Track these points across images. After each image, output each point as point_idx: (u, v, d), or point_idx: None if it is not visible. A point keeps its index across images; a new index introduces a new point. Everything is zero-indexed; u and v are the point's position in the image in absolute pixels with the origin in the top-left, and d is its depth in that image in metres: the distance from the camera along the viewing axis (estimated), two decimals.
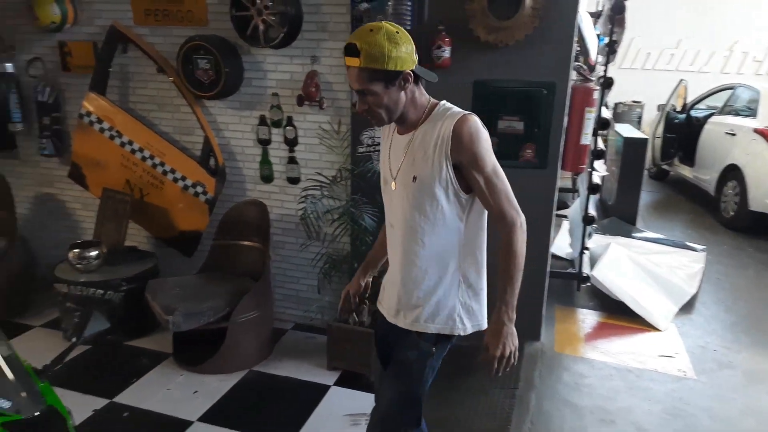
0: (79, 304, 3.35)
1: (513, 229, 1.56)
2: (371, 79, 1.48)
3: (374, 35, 1.45)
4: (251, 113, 3.44)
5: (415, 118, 1.61)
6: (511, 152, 3.03)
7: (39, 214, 4.17)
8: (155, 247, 3.88)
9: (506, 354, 1.58)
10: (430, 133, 1.57)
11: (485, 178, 1.54)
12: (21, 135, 3.93)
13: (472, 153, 1.52)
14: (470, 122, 1.53)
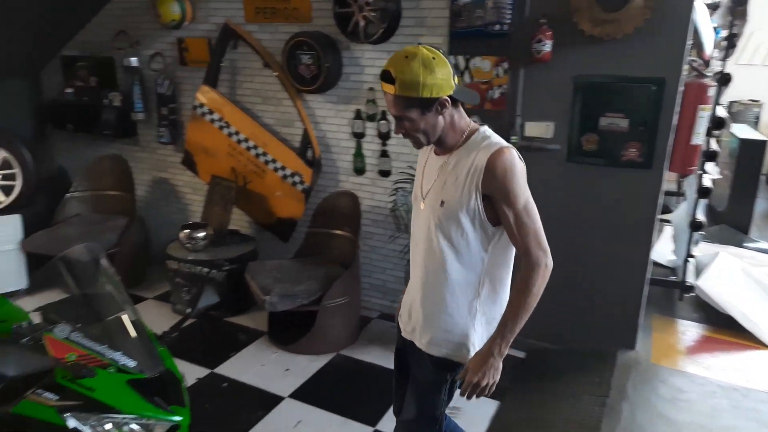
0: (186, 281, 3.65)
1: (535, 269, 1.50)
2: (407, 106, 1.47)
3: (409, 62, 1.42)
4: (347, 107, 3.55)
5: (452, 142, 1.57)
6: (613, 151, 2.90)
7: (154, 197, 4.57)
8: (255, 231, 4.12)
9: (482, 384, 1.53)
10: (464, 160, 1.53)
11: (515, 214, 1.49)
12: (142, 124, 4.33)
13: (504, 188, 1.48)
14: (505, 156, 1.48)
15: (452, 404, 2.81)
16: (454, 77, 1.47)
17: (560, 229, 3.11)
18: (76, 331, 1.41)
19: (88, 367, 1.36)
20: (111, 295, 1.55)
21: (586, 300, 3.15)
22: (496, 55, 3.01)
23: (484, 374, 1.52)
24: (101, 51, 4.27)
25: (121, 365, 1.43)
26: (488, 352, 1.53)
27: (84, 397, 1.33)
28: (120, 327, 1.50)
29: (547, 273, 1.51)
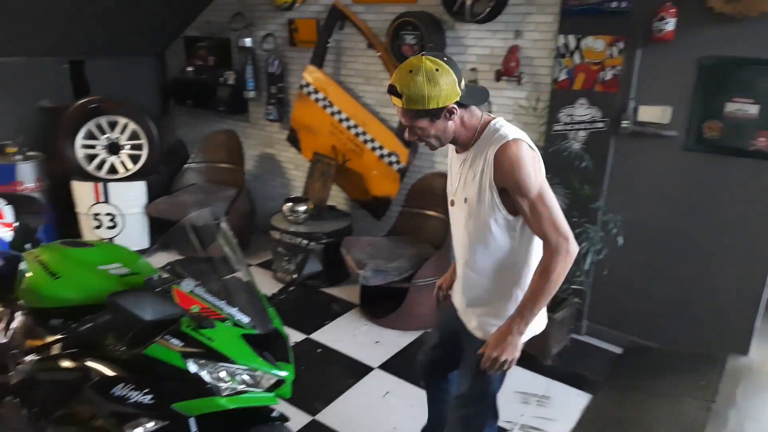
0: (287, 250, 3.87)
1: (554, 255, 1.50)
2: (416, 117, 1.51)
3: (413, 77, 1.44)
4: None
5: (466, 140, 1.60)
6: (739, 140, 2.66)
7: (260, 171, 4.85)
8: (351, 207, 4.26)
9: (501, 360, 1.57)
10: (478, 156, 1.56)
11: (529, 204, 1.50)
12: (252, 101, 4.59)
13: (514, 180, 1.49)
14: (511, 149, 1.49)
15: (542, 393, 2.80)
16: (460, 83, 1.49)
17: (673, 222, 2.93)
18: (199, 286, 1.57)
19: (208, 319, 1.51)
20: (229, 257, 1.70)
21: (697, 299, 2.94)
22: (611, 34, 2.84)
23: (502, 350, 1.56)
24: (219, 32, 4.57)
25: (237, 320, 1.57)
26: (508, 329, 1.57)
27: (204, 345, 1.48)
28: (236, 286, 1.64)
29: (569, 258, 1.51)
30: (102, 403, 1.50)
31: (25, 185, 4.02)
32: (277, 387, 1.59)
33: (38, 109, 4.34)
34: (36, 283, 1.67)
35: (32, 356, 1.67)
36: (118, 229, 4.18)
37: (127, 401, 1.47)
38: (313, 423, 2.57)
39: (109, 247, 1.92)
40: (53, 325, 1.69)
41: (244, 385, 1.52)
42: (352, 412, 2.65)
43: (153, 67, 5.08)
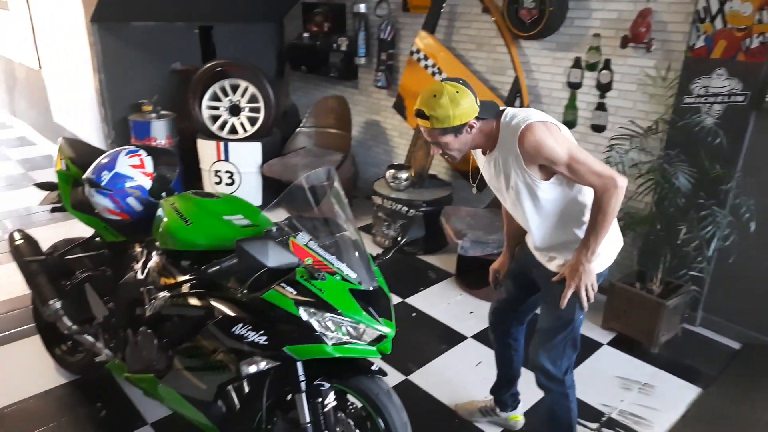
0: (387, 216, 3.96)
1: (604, 193, 1.64)
2: (442, 134, 1.69)
3: (438, 101, 1.64)
4: (566, 55, 3.36)
5: (489, 143, 1.77)
6: None
7: (365, 137, 4.96)
8: (452, 177, 4.25)
9: (581, 286, 1.75)
10: (506, 153, 1.73)
11: (566, 167, 1.65)
12: (362, 68, 4.67)
13: (544, 158, 1.65)
14: (527, 136, 1.64)
15: (645, 381, 2.67)
16: (476, 100, 1.68)
17: None
18: (312, 241, 1.66)
19: (320, 271, 1.60)
20: (340, 215, 1.78)
21: None
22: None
23: (579, 279, 1.75)
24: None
25: (345, 275, 1.64)
26: (577, 261, 1.75)
27: (315, 296, 1.57)
28: (345, 243, 1.71)
29: (618, 191, 1.63)
30: (223, 339, 1.66)
31: (158, 141, 4.45)
32: (378, 342, 1.66)
33: (171, 71, 4.74)
34: (171, 227, 1.86)
35: (164, 293, 1.87)
36: (235, 185, 4.50)
37: (244, 340, 1.61)
38: (405, 382, 2.66)
39: (232, 199, 2.08)
40: (183, 266, 1.89)
41: (348, 336, 1.60)
42: (443, 377, 2.70)
43: (272, 33, 5.31)
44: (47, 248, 2.51)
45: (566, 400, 1.98)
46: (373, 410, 1.68)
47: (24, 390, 2.52)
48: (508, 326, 2.20)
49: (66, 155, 2.33)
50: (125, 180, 2.07)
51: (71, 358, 2.61)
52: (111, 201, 2.07)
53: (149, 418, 2.37)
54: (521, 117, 1.69)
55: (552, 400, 1.99)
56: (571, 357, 1.95)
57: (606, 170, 1.65)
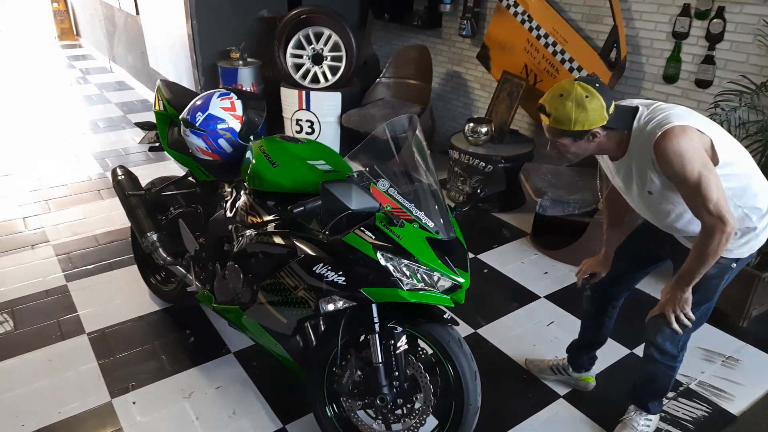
0: (463, 171, 3.90)
1: (708, 235, 1.56)
2: (560, 135, 1.60)
3: (563, 101, 1.54)
4: (673, 1, 3.07)
5: (618, 151, 1.66)
6: None
7: (445, 89, 4.85)
8: (534, 133, 4.09)
9: (671, 312, 1.74)
10: (638, 161, 1.62)
11: (686, 189, 1.54)
12: (447, 15, 4.52)
13: (673, 172, 1.53)
14: (669, 141, 1.50)
15: (729, 354, 2.54)
16: (608, 108, 1.55)
17: None
18: (392, 188, 1.68)
19: (399, 218, 1.62)
20: (420, 164, 1.77)
21: None
22: None
23: (673, 305, 1.73)
24: None
25: (423, 223, 1.65)
26: (674, 288, 1.72)
27: (393, 241, 1.60)
28: (425, 192, 1.71)
29: (723, 237, 1.54)
30: (304, 276, 1.73)
31: (244, 88, 4.59)
32: (452, 292, 1.68)
33: (258, 18, 4.82)
34: (259, 169, 1.94)
35: (251, 231, 1.97)
36: (315, 134, 4.59)
37: (324, 279, 1.68)
38: (474, 335, 2.68)
39: (316, 145, 2.13)
40: (269, 206, 1.98)
41: (422, 283, 1.62)
42: (513, 334, 2.69)
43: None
44: (145, 185, 2.70)
45: (672, 371, 1.94)
46: (443, 357, 1.72)
47: (122, 314, 2.78)
48: (614, 293, 2.12)
49: (164, 96, 2.46)
50: (217, 122, 2.17)
51: (164, 287, 2.84)
52: (204, 141, 2.18)
53: (232, 348, 2.56)
54: (659, 120, 1.55)
55: (657, 370, 1.94)
56: (690, 333, 1.88)
57: (721, 211, 1.51)
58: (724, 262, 1.72)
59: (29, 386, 2.32)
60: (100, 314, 2.77)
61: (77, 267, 3.18)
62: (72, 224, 3.66)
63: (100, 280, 3.07)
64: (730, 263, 1.73)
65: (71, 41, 9.78)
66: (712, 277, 1.73)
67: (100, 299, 2.89)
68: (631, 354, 2.57)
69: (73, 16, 9.72)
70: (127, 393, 2.29)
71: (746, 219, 1.67)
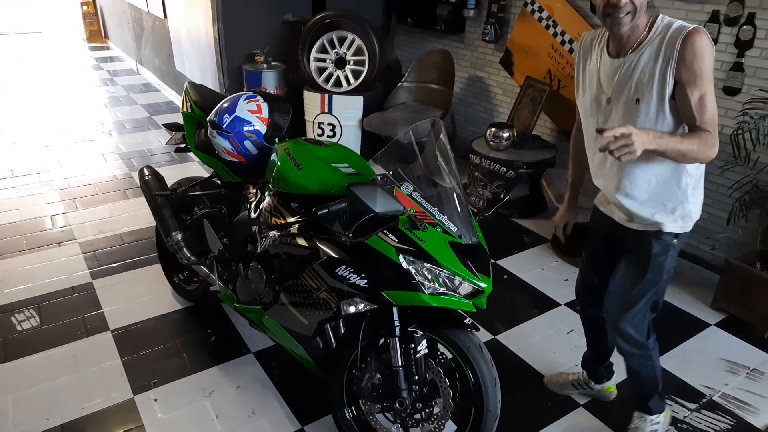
0: (484, 176, 3.88)
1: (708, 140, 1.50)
2: None
3: None
4: (702, 7, 3.03)
5: (636, 35, 1.57)
6: None
7: (467, 94, 4.85)
8: (556, 139, 4.06)
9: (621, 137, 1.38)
10: (653, 52, 1.54)
11: (701, 95, 1.50)
12: (470, 20, 4.51)
13: (695, 70, 1.48)
14: (699, 38, 1.47)
15: (754, 366, 2.48)
16: None
17: None
18: (416, 191, 1.68)
19: (422, 222, 1.63)
20: (443, 168, 1.78)
21: None
22: None
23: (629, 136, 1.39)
24: None
25: (446, 228, 1.66)
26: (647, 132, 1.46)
27: (415, 245, 1.61)
28: (448, 196, 1.72)
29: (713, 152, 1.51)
30: (326, 278, 1.75)
31: (268, 90, 4.64)
32: (473, 296, 1.68)
33: (283, 22, 4.87)
34: (283, 170, 1.96)
35: (274, 232, 2.00)
36: (336, 138, 4.62)
37: (346, 281, 1.69)
38: (493, 341, 2.66)
39: (340, 148, 2.15)
40: (293, 207, 2.00)
41: (444, 287, 1.62)
42: (532, 341, 2.67)
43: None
44: (171, 185, 2.75)
45: (650, 361, 1.94)
46: (463, 362, 1.72)
47: (146, 312, 2.83)
48: (597, 299, 2.10)
49: (191, 98, 2.51)
50: (244, 124, 2.20)
51: (187, 286, 2.88)
52: (230, 143, 2.21)
53: (252, 348, 2.58)
54: (683, 23, 1.53)
55: (636, 363, 1.95)
56: (650, 318, 1.89)
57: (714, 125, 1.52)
58: (666, 238, 1.73)
59: (54, 381, 2.37)
60: (124, 311, 2.83)
61: (102, 265, 3.25)
62: (98, 222, 3.74)
63: (125, 278, 3.12)
64: (671, 239, 1.73)
65: (99, 43, 10.00)
66: (657, 255, 1.74)
67: (125, 297, 2.95)
68: None
69: (101, 19, 9.94)
70: (149, 390, 2.33)
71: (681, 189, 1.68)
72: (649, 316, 1.87)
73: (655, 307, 1.86)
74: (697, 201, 1.74)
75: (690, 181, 1.69)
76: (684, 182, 1.68)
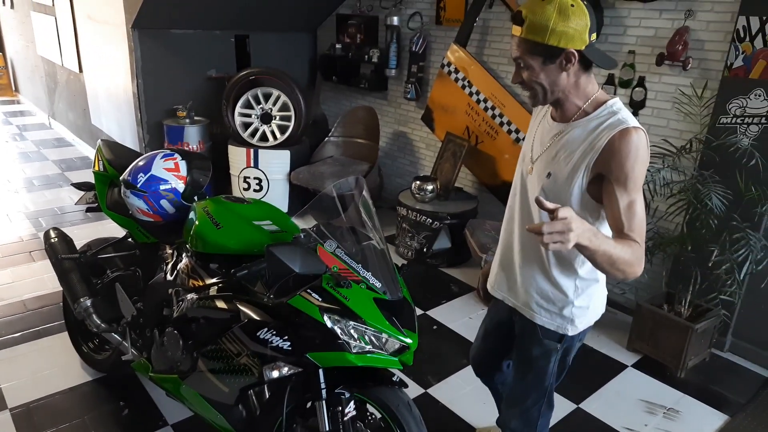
0: (411, 227, 3.96)
1: (639, 253, 1.31)
2: (530, 51, 1.35)
3: (544, 5, 1.30)
4: (599, 71, 3.33)
5: (573, 109, 1.43)
6: None
7: (392, 148, 4.98)
8: (477, 190, 4.23)
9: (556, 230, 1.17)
10: (583, 134, 1.40)
11: (629, 201, 1.33)
12: (392, 79, 4.70)
13: (625, 172, 1.32)
14: (633, 138, 1.31)
15: (670, 405, 2.60)
16: (590, 33, 1.32)
17: None
18: (339, 248, 1.67)
19: (346, 279, 1.61)
20: (367, 224, 1.79)
21: None
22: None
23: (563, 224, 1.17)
24: (369, 10, 4.72)
25: (370, 284, 1.65)
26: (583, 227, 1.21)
27: (340, 303, 1.58)
28: (371, 252, 1.72)
29: (639, 269, 1.31)
30: (248, 342, 1.68)
31: (191, 146, 4.55)
32: (400, 353, 1.66)
33: (206, 78, 4.85)
34: (202, 230, 1.90)
35: (192, 294, 1.91)
36: (263, 192, 4.57)
37: (269, 344, 1.63)
38: (424, 395, 2.64)
39: (262, 205, 2.12)
40: (212, 269, 1.92)
41: (371, 345, 1.60)
42: (463, 392, 2.67)
43: (306, 43, 5.40)
44: (81, 247, 2.58)
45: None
46: (392, 422, 1.68)
47: (51, 385, 2.58)
48: (492, 374, 2.02)
49: (104, 157, 2.40)
50: (160, 182, 2.12)
51: (98, 356, 2.67)
52: (145, 202, 2.13)
53: (170, 419, 2.40)
54: (631, 118, 1.37)
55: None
56: (548, 415, 1.76)
57: (643, 237, 1.34)
58: (549, 344, 1.59)
59: None
60: (26, 387, 2.56)
61: (2, 336, 2.95)
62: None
63: (28, 349, 2.85)
64: (554, 343, 1.60)
65: (9, 97, 9.48)
66: (538, 358, 1.62)
67: (27, 370, 2.67)
68: (578, 409, 2.59)
69: (12, 72, 9.47)
70: None
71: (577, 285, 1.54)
72: (547, 413, 1.74)
73: (549, 404, 1.73)
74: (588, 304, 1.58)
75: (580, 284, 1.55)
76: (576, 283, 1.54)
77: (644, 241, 1.34)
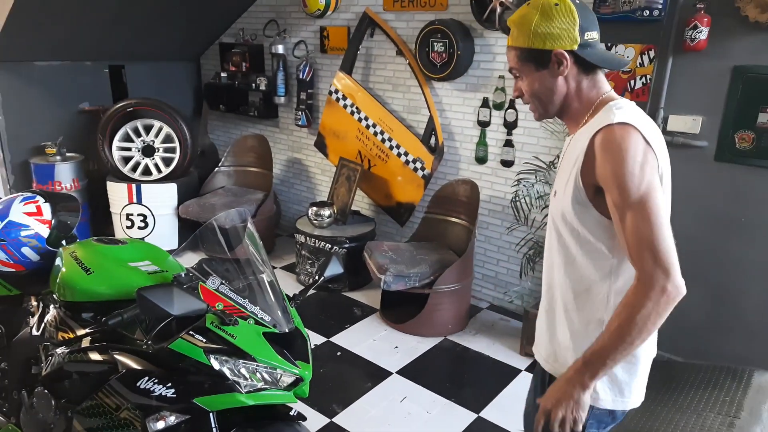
0: (311, 254, 3.93)
1: (644, 289, 1.08)
2: (519, 59, 1.25)
3: (528, 9, 1.22)
4: (475, 95, 3.55)
5: (580, 118, 1.26)
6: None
7: (287, 175, 4.94)
8: (374, 213, 4.30)
9: (556, 415, 1.15)
10: (579, 142, 1.22)
11: (621, 212, 1.11)
12: (282, 107, 4.69)
13: (607, 176, 1.12)
14: (616, 134, 1.12)
15: None
16: (584, 31, 1.19)
17: (703, 233, 2.88)
18: (224, 285, 1.61)
19: (232, 316, 1.55)
20: (254, 257, 1.74)
21: (725, 313, 2.88)
22: (642, 43, 2.83)
23: (559, 403, 1.16)
24: (253, 39, 4.68)
25: (259, 318, 1.60)
26: (570, 379, 1.17)
27: (226, 342, 1.52)
28: (260, 285, 1.68)
29: (664, 299, 1.07)
30: (127, 394, 1.55)
31: (63, 185, 4.19)
32: (295, 386, 1.62)
33: (78, 111, 4.52)
34: (70, 277, 1.75)
35: (63, 348, 1.74)
36: (149, 229, 4.31)
37: (151, 394, 1.52)
38: (330, 425, 2.59)
39: (139, 245, 1.99)
40: (84, 318, 1.77)
41: (263, 382, 1.55)
42: (369, 416, 2.67)
43: (189, 72, 5.23)
44: None
45: None
46: None
47: None
48: None
49: None
50: (20, 228, 1.93)
51: None
52: (3, 252, 1.92)
53: None
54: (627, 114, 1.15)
55: None
56: None
57: (666, 258, 1.08)
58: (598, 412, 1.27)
59: None
60: None
61: None
62: None
63: None
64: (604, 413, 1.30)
65: None
66: None
67: None
68: (479, 418, 2.68)
69: None
70: None
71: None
72: None
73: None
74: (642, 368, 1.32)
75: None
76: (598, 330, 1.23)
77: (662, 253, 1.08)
